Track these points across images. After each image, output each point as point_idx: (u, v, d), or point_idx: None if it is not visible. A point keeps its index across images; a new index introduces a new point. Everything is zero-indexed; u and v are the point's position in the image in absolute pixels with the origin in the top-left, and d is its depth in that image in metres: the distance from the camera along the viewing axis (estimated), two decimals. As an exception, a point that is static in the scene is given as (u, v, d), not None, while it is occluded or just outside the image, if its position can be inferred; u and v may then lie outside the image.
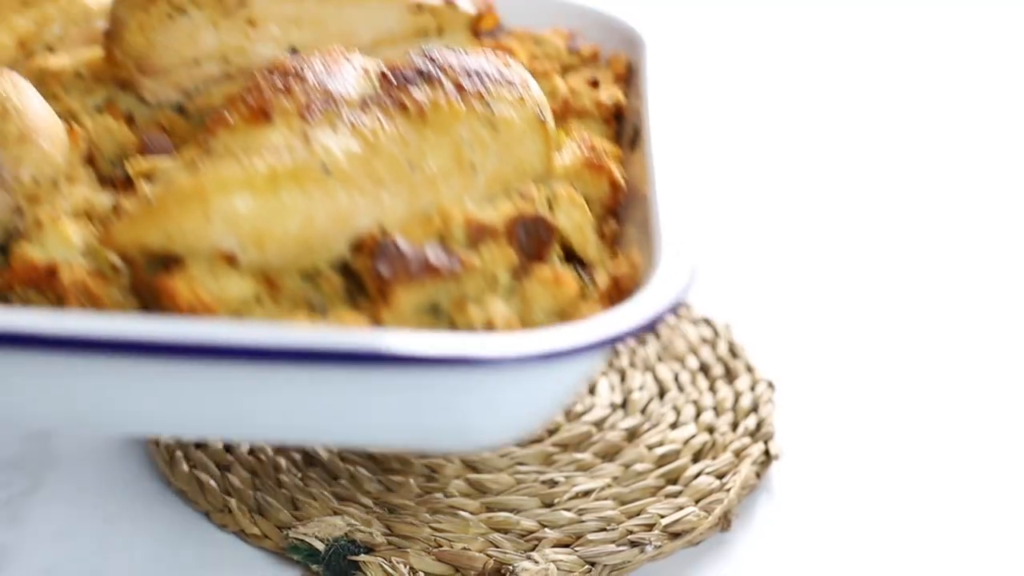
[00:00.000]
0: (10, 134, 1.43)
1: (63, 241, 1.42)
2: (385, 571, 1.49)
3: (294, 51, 1.72)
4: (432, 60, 1.52)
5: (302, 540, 1.53)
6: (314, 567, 1.52)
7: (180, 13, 1.69)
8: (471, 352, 1.26)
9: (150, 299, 1.38)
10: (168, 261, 1.37)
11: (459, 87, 1.49)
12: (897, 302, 2.04)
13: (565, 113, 1.74)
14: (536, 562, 1.50)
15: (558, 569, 1.50)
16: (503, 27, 1.93)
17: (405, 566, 1.50)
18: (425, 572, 1.51)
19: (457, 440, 1.41)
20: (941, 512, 1.64)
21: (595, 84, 1.80)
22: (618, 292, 1.42)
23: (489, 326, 1.35)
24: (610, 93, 1.80)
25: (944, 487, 1.68)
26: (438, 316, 1.38)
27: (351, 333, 1.26)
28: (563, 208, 1.53)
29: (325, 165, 1.39)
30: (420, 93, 1.47)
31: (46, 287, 1.39)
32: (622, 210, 1.60)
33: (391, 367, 1.26)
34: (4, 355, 1.28)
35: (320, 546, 1.52)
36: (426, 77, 1.49)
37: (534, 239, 1.45)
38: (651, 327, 1.33)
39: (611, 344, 1.30)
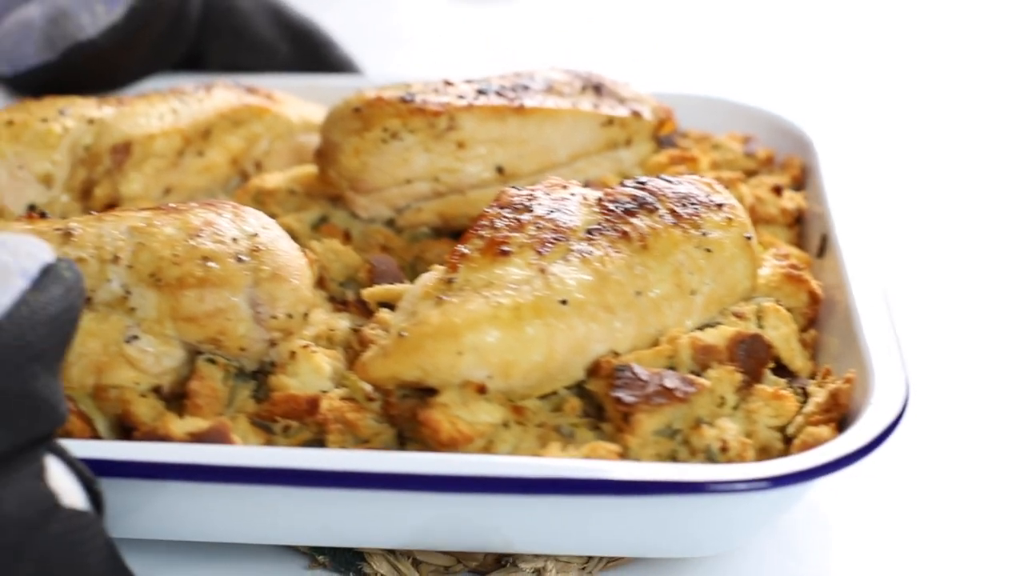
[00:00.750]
0: (263, 273, 1.47)
1: (315, 370, 1.48)
2: (389, 562, 1.51)
3: (500, 170, 1.78)
4: (646, 187, 1.57)
5: None
6: (320, 558, 1.53)
7: (394, 138, 1.74)
8: (714, 479, 1.31)
9: (405, 426, 1.44)
10: (421, 390, 1.43)
11: (674, 213, 1.54)
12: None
13: (753, 221, 1.78)
14: (536, 554, 1.51)
15: (556, 560, 1.51)
16: (678, 130, 1.97)
17: (408, 557, 1.52)
18: (428, 563, 1.52)
19: (689, 549, 1.46)
20: (945, 507, 1.65)
21: (778, 191, 1.84)
22: (836, 406, 1.46)
23: (724, 445, 1.40)
24: (792, 198, 1.84)
25: (947, 484, 1.69)
26: (674, 438, 1.43)
27: (612, 467, 1.33)
28: (771, 322, 1.58)
29: (563, 297, 1.43)
30: (639, 221, 1.52)
31: (307, 417, 1.44)
32: (819, 318, 1.65)
33: (642, 494, 1.32)
34: (290, 489, 1.34)
35: None
36: (642, 205, 1.54)
37: (754, 357, 1.50)
38: (873, 449, 1.37)
39: (840, 468, 1.35)
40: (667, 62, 3.03)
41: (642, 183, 1.58)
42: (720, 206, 1.58)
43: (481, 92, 1.79)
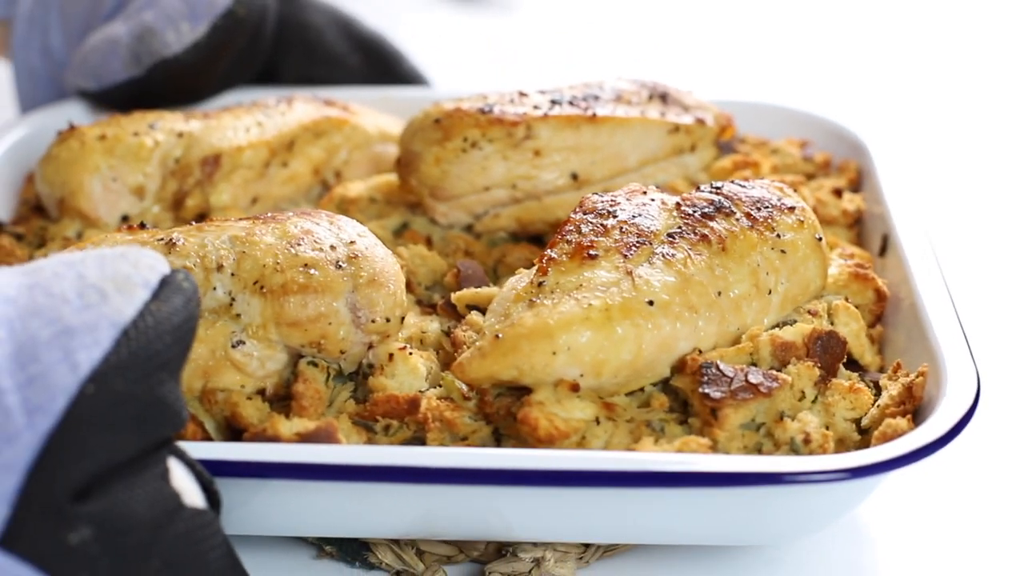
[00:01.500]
0: (362, 279, 1.49)
1: (412, 371, 1.50)
2: (393, 552, 1.53)
3: (574, 176, 1.80)
4: (721, 192, 1.59)
5: None
6: (327, 548, 1.54)
7: (473, 147, 1.76)
8: (801, 469, 1.33)
9: (501, 423, 1.47)
10: (514, 389, 1.45)
11: (749, 216, 1.56)
12: None
13: (816, 222, 1.80)
14: (535, 543, 1.52)
15: (555, 549, 1.52)
16: (736, 135, 1.99)
17: (412, 547, 1.53)
18: (431, 552, 1.53)
19: (766, 537, 1.48)
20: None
21: (838, 193, 1.86)
22: (910, 398, 1.48)
23: (806, 437, 1.42)
24: (852, 200, 1.86)
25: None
26: (758, 431, 1.45)
27: (709, 460, 1.35)
28: (841, 319, 1.60)
29: (650, 298, 1.45)
30: (717, 224, 1.54)
31: (407, 416, 1.46)
32: (884, 314, 1.67)
33: (731, 485, 1.34)
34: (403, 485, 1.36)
35: None
36: (719, 209, 1.56)
37: (830, 353, 1.53)
38: (951, 439, 1.39)
39: (923, 457, 1.37)
40: (665, 61, 3.04)
41: (718, 188, 1.60)
42: (792, 209, 1.60)
43: (555, 102, 1.81)
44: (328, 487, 1.38)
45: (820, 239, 1.61)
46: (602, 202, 1.58)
